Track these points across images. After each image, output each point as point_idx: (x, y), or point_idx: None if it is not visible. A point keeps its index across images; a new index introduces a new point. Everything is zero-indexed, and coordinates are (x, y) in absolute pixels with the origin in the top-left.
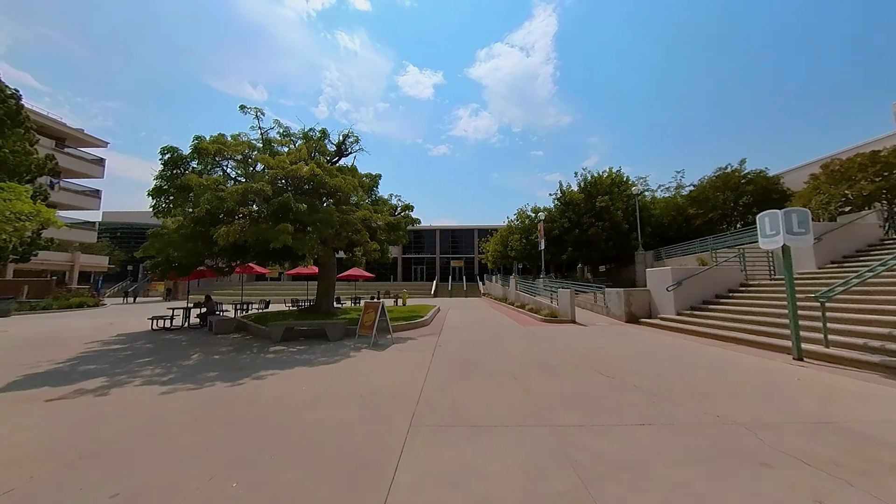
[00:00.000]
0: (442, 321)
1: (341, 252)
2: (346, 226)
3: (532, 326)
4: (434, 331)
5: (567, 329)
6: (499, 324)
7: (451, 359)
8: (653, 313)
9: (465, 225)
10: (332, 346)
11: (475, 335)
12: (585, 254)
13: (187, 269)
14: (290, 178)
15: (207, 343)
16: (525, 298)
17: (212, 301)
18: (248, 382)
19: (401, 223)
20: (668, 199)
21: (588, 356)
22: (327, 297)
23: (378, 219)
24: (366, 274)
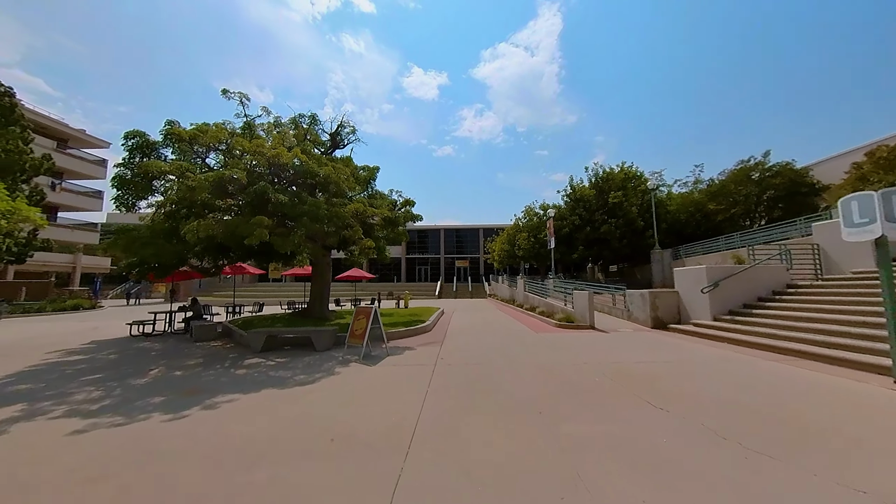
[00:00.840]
0: (446, 326)
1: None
2: (336, 220)
3: (546, 333)
4: (436, 338)
5: (587, 337)
6: (509, 329)
7: (455, 378)
8: (682, 318)
9: (470, 224)
10: (317, 359)
11: (483, 344)
12: (597, 252)
13: (166, 269)
14: (273, 167)
15: (178, 354)
16: (535, 300)
17: (198, 304)
18: (193, 414)
19: (399, 219)
20: (685, 195)
21: (625, 375)
22: (321, 299)
23: (374, 213)
24: (366, 275)
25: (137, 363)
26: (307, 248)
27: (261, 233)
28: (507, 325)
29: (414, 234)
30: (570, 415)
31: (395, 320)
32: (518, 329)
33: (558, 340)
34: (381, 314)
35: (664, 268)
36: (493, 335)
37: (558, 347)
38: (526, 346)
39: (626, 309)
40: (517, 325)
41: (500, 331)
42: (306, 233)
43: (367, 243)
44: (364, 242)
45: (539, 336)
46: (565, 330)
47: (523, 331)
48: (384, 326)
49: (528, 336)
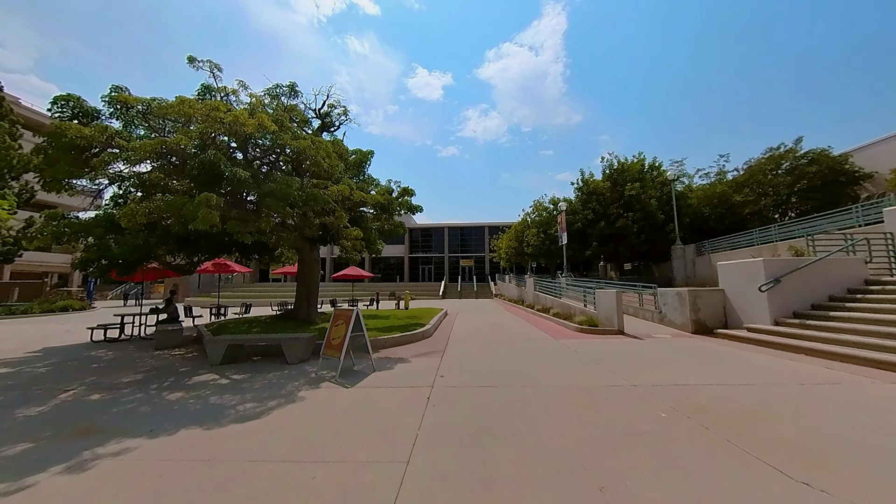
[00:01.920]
0: (448, 331)
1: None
2: (313, 203)
3: (568, 339)
4: (437, 347)
5: (620, 344)
6: (523, 335)
7: (459, 411)
8: (730, 321)
9: (474, 222)
10: (284, 375)
11: (493, 354)
12: (613, 249)
13: (129, 266)
14: (235, 138)
15: (122, 366)
16: (547, 300)
17: (173, 305)
18: (42, 483)
19: (393, 204)
20: (707, 188)
21: (700, 407)
22: (308, 300)
23: (363, 198)
24: (364, 273)
25: (61, 380)
26: (283, 239)
27: (208, 215)
28: (520, 330)
29: (417, 233)
30: (644, 491)
31: (390, 324)
32: (533, 335)
33: (586, 349)
34: (377, 316)
35: (686, 264)
36: (505, 342)
37: (589, 360)
38: (547, 358)
39: (658, 310)
40: (532, 330)
41: (513, 336)
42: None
43: (354, 233)
44: (350, 232)
45: (560, 344)
46: (590, 335)
47: (540, 337)
48: (376, 332)
49: (547, 344)
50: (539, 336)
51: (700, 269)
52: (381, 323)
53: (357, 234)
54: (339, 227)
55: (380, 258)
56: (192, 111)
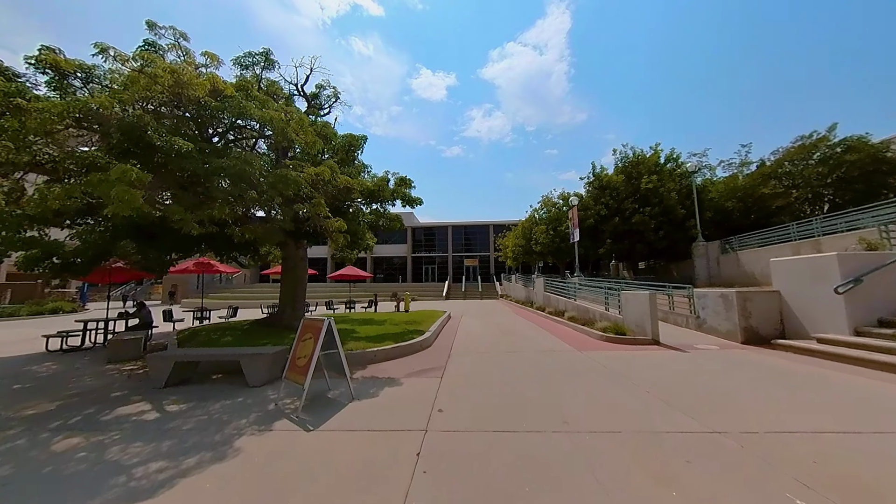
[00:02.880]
0: (451, 338)
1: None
2: (283, 186)
3: (594, 350)
4: (437, 361)
5: (663, 360)
6: (538, 344)
7: (463, 487)
8: (790, 330)
9: (479, 221)
10: (235, 406)
11: (507, 374)
12: (628, 246)
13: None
14: (183, 103)
15: (46, 388)
16: (559, 303)
17: (145, 309)
18: None
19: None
20: (729, 180)
21: (849, 486)
22: (292, 303)
23: (347, 183)
24: (362, 273)
25: None
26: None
27: (124, 194)
28: (533, 337)
29: (420, 232)
30: None
31: (384, 331)
32: (551, 343)
33: (622, 366)
34: (371, 321)
35: (710, 263)
36: (519, 355)
37: (632, 382)
38: (577, 379)
39: (695, 315)
40: (546, 337)
41: (526, 346)
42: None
43: (335, 224)
44: (331, 224)
45: (587, 358)
46: (619, 346)
47: (559, 347)
48: (365, 342)
49: (570, 357)
50: (558, 346)
51: (726, 269)
52: (373, 330)
53: (339, 225)
54: (319, 215)
55: (382, 258)
56: (124, 63)
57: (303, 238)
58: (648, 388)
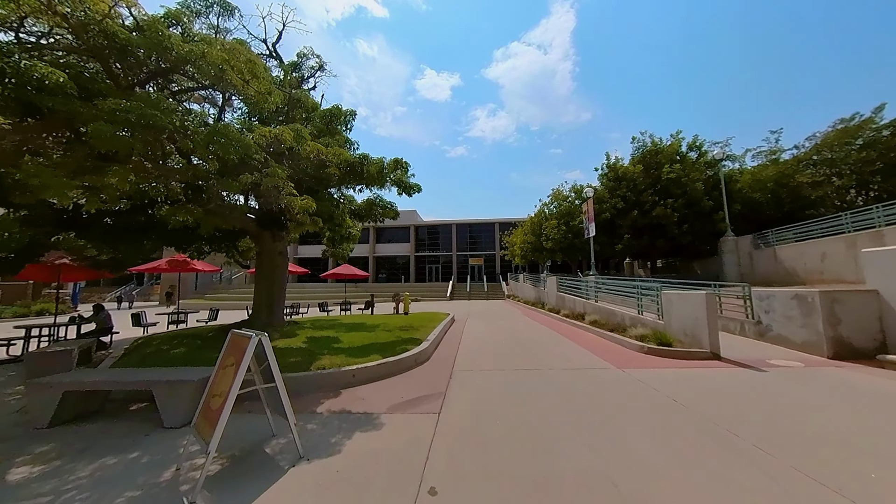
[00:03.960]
0: (454, 349)
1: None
2: (220, 147)
3: (641, 369)
4: (434, 383)
5: (746, 385)
6: (564, 358)
7: None
8: (894, 342)
9: (484, 219)
10: (118, 471)
11: (535, 413)
12: (648, 242)
13: (16, 263)
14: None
15: None
16: (577, 304)
17: (103, 313)
18: None
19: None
20: (757, 170)
21: None
22: (268, 306)
23: (319, 151)
24: (358, 272)
25: None
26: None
27: None
28: (554, 347)
29: (423, 231)
30: None
31: (373, 340)
32: (579, 357)
33: (693, 396)
34: (362, 327)
35: (740, 259)
36: (543, 375)
37: (725, 428)
38: (645, 431)
39: (754, 320)
40: (571, 348)
41: (549, 361)
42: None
43: (299, 203)
44: (293, 202)
45: (635, 380)
46: (668, 361)
47: (593, 363)
48: (344, 356)
49: (612, 379)
50: (589, 361)
51: (760, 265)
52: (361, 338)
53: (305, 204)
54: (276, 193)
55: (384, 257)
56: None
57: (272, 226)
58: (760, 444)
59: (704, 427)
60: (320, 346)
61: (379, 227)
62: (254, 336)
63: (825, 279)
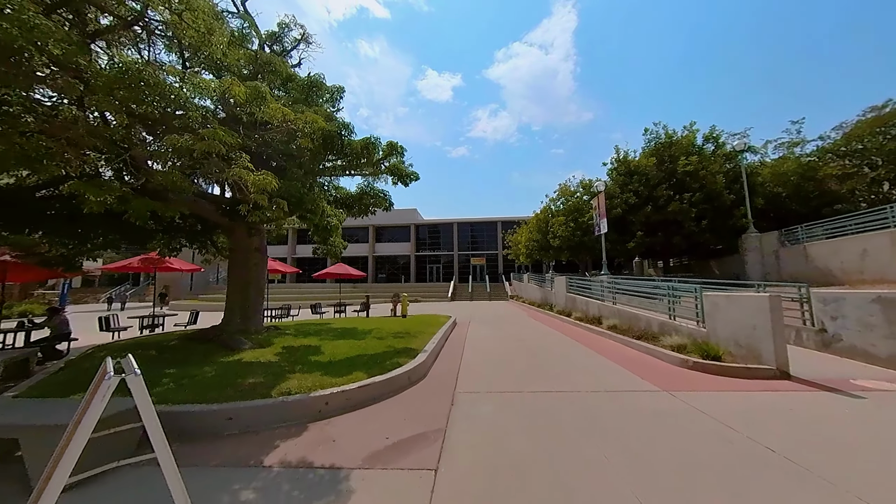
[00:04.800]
0: (456, 362)
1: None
2: (129, 94)
3: (693, 392)
4: (430, 414)
5: (840, 417)
6: (593, 377)
7: None
8: None
9: (486, 217)
10: None
11: (581, 480)
12: (663, 239)
13: None
14: None
15: None
16: (592, 307)
17: (60, 318)
18: None
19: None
20: (778, 163)
21: None
22: (242, 310)
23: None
24: (353, 272)
25: None
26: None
27: None
28: (577, 359)
29: (424, 230)
30: None
31: (360, 350)
32: (612, 375)
33: (814, 451)
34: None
35: (764, 258)
36: (571, 403)
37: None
38: (720, 482)
39: (816, 328)
40: (596, 360)
41: (576, 380)
42: None
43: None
44: (245, 177)
45: (695, 410)
46: (722, 379)
47: (630, 383)
48: (319, 374)
49: (668, 412)
50: (625, 379)
51: (788, 264)
52: (346, 348)
53: (262, 181)
54: (217, 163)
55: (384, 257)
56: None
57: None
58: None
59: (838, 499)
60: (294, 360)
61: (379, 227)
62: (109, 372)
63: (866, 279)
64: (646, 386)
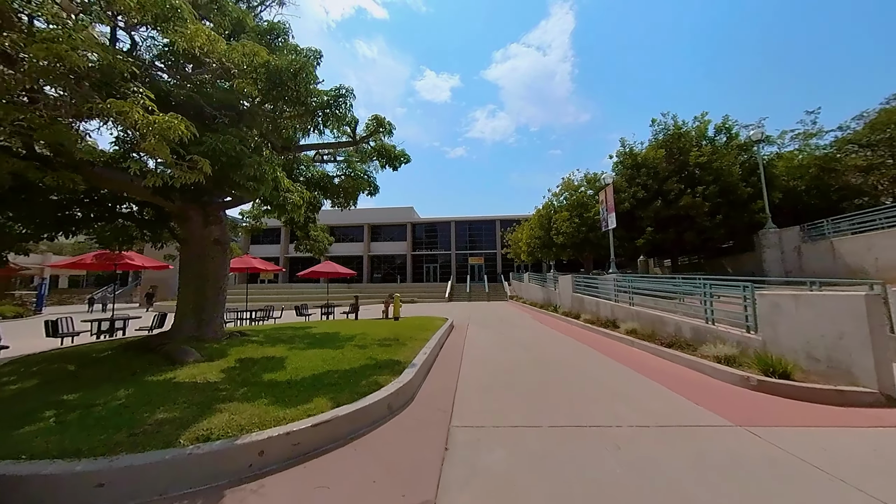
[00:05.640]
0: (453, 379)
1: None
2: None
3: (779, 428)
4: (411, 477)
5: None
6: (633, 402)
7: None
8: None
9: (485, 216)
10: None
11: None
12: (674, 235)
13: None
14: None
15: None
16: (604, 308)
17: None
18: None
19: (299, 75)
20: (791, 155)
21: None
22: (195, 313)
23: (203, 39)
24: (342, 270)
25: None
26: None
27: None
28: (601, 376)
29: (421, 229)
30: None
31: (332, 364)
32: (652, 398)
33: None
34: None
35: (785, 255)
36: (612, 449)
37: None
38: None
39: None
40: (625, 375)
41: (606, 406)
42: None
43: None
44: (114, 107)
45: (800, 462)
46: (805, 404)
47: (681, 411)
48: (265, 403)
49: (761, 464)
50: (673, 405)
51: (811, 261)
52: (317, 361)
53: (164, 124)
54: (87, 91)
55: (379, 256)
56: None
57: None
58: None
59: None
60: (242, 380)
61: (374, 225)
62: None
63: None
64: (707, 416)
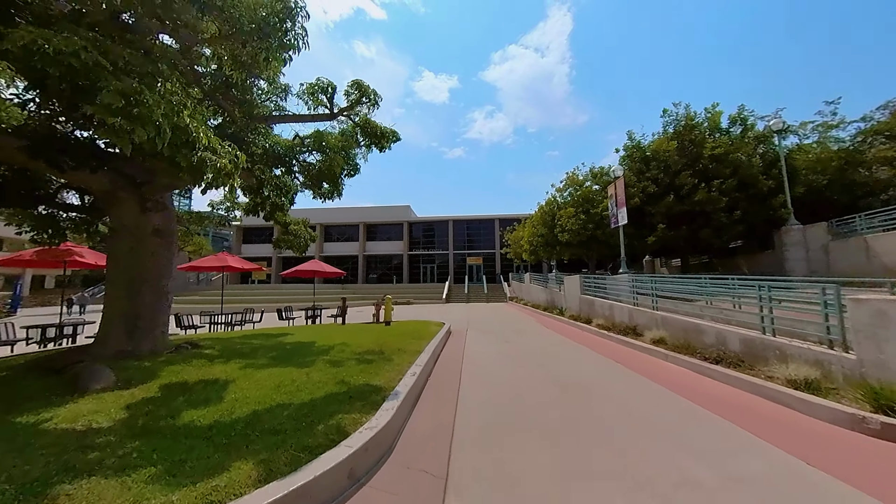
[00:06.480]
0: (450, 412)
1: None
2: None
3: None
4: None
5: None
6: (720, 464)
7: None
8: None
9: (483, 215)
10: None
11: None
12: (688, 232)
13: None
14: None
15: None
16: (621, 313)
17: None
18: None
19: None
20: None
21: None
22: (129, 322)
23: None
24: (329, 269)
25: None
26: None
27: None
28: (643, 406)
29: (418, 228)
30: None
31: (289, 395)
32: (728, 447)
33: None
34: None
35: (809, 253)
36: None
37: None
38: None
39: None
40: (675, 405)
41: (666, 456)
42: None
43: None
44: None
45: None
46: None
47: (776, 466)
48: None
49: None
50: (758, 454)
51: (841, 260)
52: (265, 389)
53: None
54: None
55: (375, 256)
56: None
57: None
58: None
59: None
60: (142, 426)
61: (370, 224)
62: None
63: None
64: (827, 483)
